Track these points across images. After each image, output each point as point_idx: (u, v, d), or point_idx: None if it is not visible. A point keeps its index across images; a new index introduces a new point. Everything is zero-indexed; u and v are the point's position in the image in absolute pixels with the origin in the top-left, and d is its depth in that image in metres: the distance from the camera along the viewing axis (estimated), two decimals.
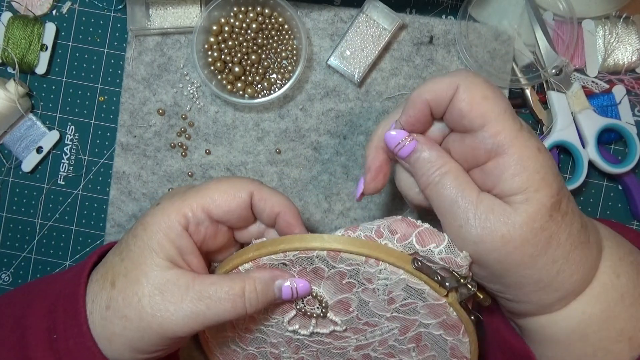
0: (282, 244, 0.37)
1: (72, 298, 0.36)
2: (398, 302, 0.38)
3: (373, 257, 0.35)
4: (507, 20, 0.51)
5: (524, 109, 0.53)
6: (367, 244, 0.36)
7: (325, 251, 0.35)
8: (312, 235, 0.36)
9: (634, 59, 0.52)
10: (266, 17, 0.49)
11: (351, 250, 0.35)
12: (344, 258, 0.36)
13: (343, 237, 0.36)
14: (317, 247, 0.36)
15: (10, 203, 0.53)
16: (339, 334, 0.40)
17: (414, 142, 0.36)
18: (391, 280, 0.36)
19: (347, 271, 0.37)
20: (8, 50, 0.50)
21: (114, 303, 0.35)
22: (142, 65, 0.50)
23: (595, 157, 0.50)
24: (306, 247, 0.36)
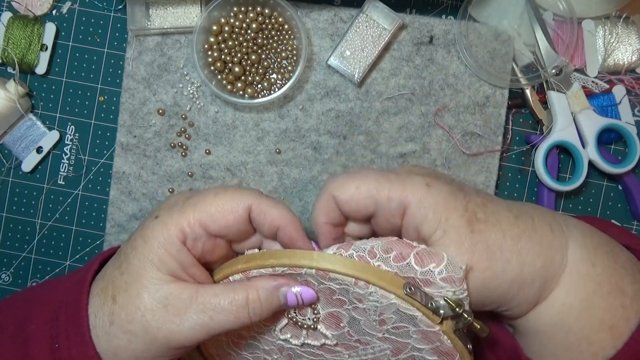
0: (271, 259, 0.36)
1: (75, 307, 0.36)
2: (389, 324, 0.37)
3: (362, 279, 0.34)
4: (507, 20, 0.51)
5: (524, 109, 0.53)
6: (358, 265, 0.35)
7: (313, 270, 0.35)
8: (302, 252, 0.36)
9: (634, 59, 0.52)
10: (266, 17, 0.49)
11: (340, 271, 0.35)
12: (332, 277, 0.35)
13: (333, 256, 0.35)
14: (306, 265, 0.35)
15: (10, 203, 0.53)
16: (331, 348, 0.40)
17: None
18: (382, 304, 0.36)
19: (337, 289, 0.36)
20: (8, 50, 0.50)
21: (117, 318, 0.35)
22: (142, 65, 0.50)
23: (595, 157, 0.50)
24: (295, 264, 0.35)
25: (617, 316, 0.34)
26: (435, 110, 0.51)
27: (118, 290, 0.36)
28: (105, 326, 0.36)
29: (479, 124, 0.51)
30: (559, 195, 0.53)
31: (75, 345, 0.35)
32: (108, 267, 0.38)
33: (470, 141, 0.51)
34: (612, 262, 0.36)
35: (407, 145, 0.51)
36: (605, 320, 0.34)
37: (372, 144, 0.51)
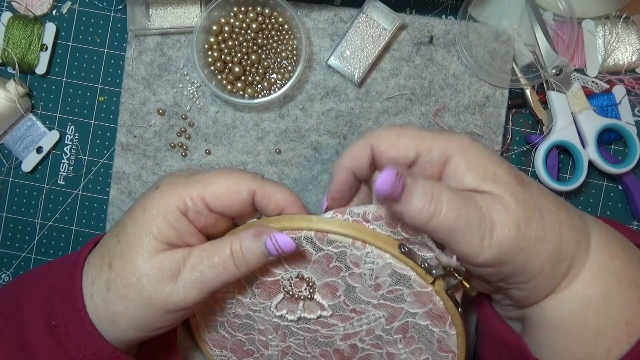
0: (272, 223, 0.37)
1: (70, 284, 0.37)
2: (384, 288, 0.38)
3: (360, 239, 0.36)
4: (507, 20, 0.51)
5: (524, 109, 0.53)
6: (354, 226, 0.36)
7: (312, 232, 0.36)
8: (301, 216, 0.37)
9: (634, 59, 0.52)
10: (266, 17, 0.49)
11: (338, 232, 0.36)
12: (331, 239, 0.36)
13: (331, 219, 0.37)
14: (305, 227, 0.36)
15: (10, 203, 0.53)
16: (326, 321, 0.40)
17: (402, 181, 0.33)
18: (377, 265, 0.37)
19: (334, 254, 0.37)
20: (8, 50, 0.50)
21: (112, 285, 0.36)
22: (142, 65, 0.50)
23: (595, 157, 0.50)
24: (294, 226, 0.36)
25: (633, 311, 0.33)
26: (435, 110, 0.51)
27: (114, 257, 0.36)
28: (102, 293, 0.36)
29: (479, 124, 0.51)
30: (559, 195, 0.53)
31: (72, 322, 0.36)
32: (105, 237, 0.39)
33: None
34: (629, 257, 0.35)
35: None
36: (622, 315, 0.34)
37: None
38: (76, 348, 0.36)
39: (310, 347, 0.42)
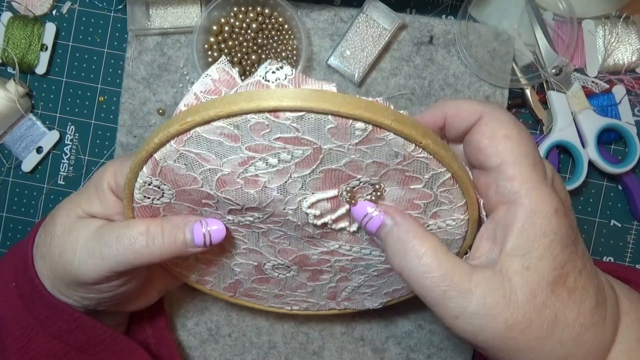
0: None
1: (24, 244, 0.38)
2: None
3: (469, 205, 0.32)
4: (507, 20, 0.51)
5: (524, 109, 0.53)
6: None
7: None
8: (423, 128, 0.30)
9: (634, 59, 0.52)
10: (266, 17, 0.49)
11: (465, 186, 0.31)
12: (450, 191, 0.31)
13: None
14: (415, 140, 0.29)
15: (10, 203, 0.53)
16: (339, 234, 0.35)
17: (379, 217, 0.32)
18: (447, 233, 0.34)
19: (430, 200, 0.32)
20: (8, 50, 0.50)
21: (39, 241, 0.37)
22: (142, 65, 0.50)
23: (595, 157, 0.50)
24: (411, 136, 0.28)
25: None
26: None
27: (48, 219, 0.37)
28: (35, 248, 0.37)
29: None
30: None
31: (27, 282, 0.37)
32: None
33: None
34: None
35: None
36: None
37: None
38: (36, 308, 0.37)
39: (282, 240, 0.37)
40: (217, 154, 0.30)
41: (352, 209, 0.32)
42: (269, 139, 0.28)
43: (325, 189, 0.32)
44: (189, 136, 0.29)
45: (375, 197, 0.32)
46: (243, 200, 0.32)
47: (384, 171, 0.31)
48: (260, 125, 0.28)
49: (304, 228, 0.35)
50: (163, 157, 0.30)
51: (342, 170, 0.31)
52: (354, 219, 0.33)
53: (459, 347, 0.51)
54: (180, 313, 0.51)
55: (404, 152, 0.29)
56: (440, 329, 0.51)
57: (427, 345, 0.51)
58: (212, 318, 0.51)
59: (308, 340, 0.51)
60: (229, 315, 0.51)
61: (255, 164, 0.30)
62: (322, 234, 0.35)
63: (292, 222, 0.34)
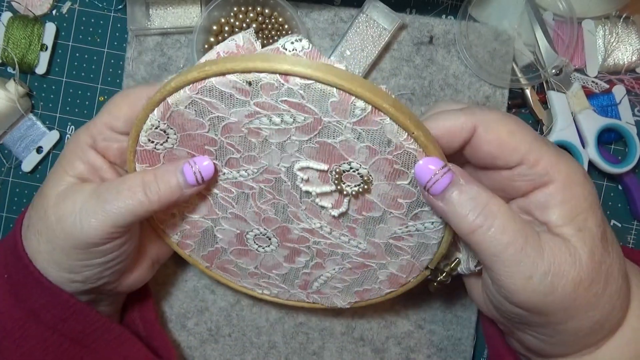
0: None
1: (12, 233, 0.39)
2: (400, 242, 0.36)
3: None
4: (507, 20, 0.51)
5: (524, 109, 0.53)
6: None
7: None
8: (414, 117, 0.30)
9: (634, 59, 0.52)
10: (266, 17, 0.49)
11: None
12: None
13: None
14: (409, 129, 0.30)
15: (10, 203, 0.53)
16: (321, 213, 0.36)
17: (450, 174, 0.30)
18: (423, 236, 0.35)
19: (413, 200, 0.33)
20: (8, 50, 0.50)
21: (30, 221, 0.37)
22: (142, 65, 0.50)
23: (595, 157, 0.50)
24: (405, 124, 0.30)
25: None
26: None
27: (36, 196, 0.38)
28: (25, 232, 0.37)
29: None
30: None
31: (19, 271, 0.37)
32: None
33: None
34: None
35: None
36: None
37: None
38: (30, 297, 0.36)
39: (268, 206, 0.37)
40: (227, 104, 0.32)
41: (416, 169, 0.30)
42: (276, 99, 0.30)
43: (318, 159, 0.33)
44: (204, 85, 0.31)
45: (362, 189, 0.33)
46: (244, 146, 0.34)
47: (374, 159, 0.32)
48: (270, 85, 0.30)
49: (292, 192, 0.36)
50: (175, 102, 0.32)
51: (336, 147, 0.32)
52: (418, 181, 0.31)
53: (459, 347, 0.51)
54: (180, 313, 0.51)
55: (396, 140, 0.30)
56: (440, 329, 0.51)
57: (427, 345, 0.51)
58: (212, 318, 0.51)
59: (308, 340, 0.51)
60: (229, 315, 0.51)
61: (260, 118, 0.32)
62: (307, 207, 0.36)
63: (282, 181, 0.35)
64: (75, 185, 0.36)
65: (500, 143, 0.31)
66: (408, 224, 0.35)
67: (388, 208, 0.34)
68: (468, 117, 0.31)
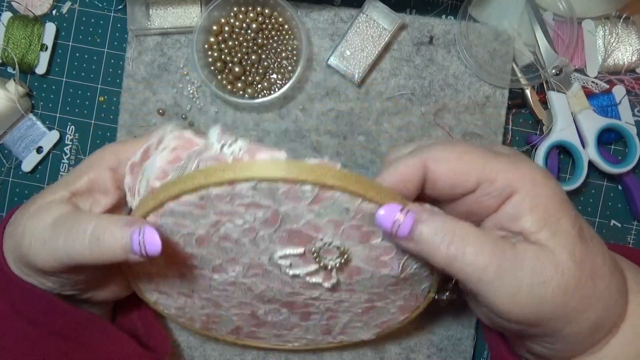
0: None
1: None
2: (398, 286, 0.36)
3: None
4: (507, 20, 0.51)
5: (524, 109, 0.53)
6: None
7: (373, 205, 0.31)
8: (387, 189, 0.31)
9: (634, 59, 0.52)
10: (266, 17, 0.49)
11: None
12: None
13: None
14: (374, 200, 0.31)
15: (10, 203, 0.53)
16: (316, 286, 0.37)
17: (411, 214, 0.30)
18: (417, 275, 0.35)
19: (393, 254, 0.34)
20: (8, 50, 0.50)
21: (14, 218, 0.36)
22: (142, 65, 0.50)
23: (595, 157, 0.50)
24: (373, 198, 0.30)
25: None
26: (435, 110, 0.51)
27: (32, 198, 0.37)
28: (8, 227, 0.36)
29: (479, 124, 0.51)
30: None
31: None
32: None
33: (470, 141, 0.51)
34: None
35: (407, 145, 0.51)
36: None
37: (372, 144, 0.51)
38: (9, 292, 0.36)
39: (267, 291, 0.38)
40: (191, 220, 0.33)
41: (377, 221, 0.31)
42: (232, 205, 0.32)
43: (292, 245, 0.34)
44: (164, 210, 0.33)
45: (343, 259, 0.34)
46: (221, 252, 0.35)
47: (341, 229, 0.32)
48: (221, 195, 0.31)
49: (282, 278, 0.37)
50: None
51: (303, 230, 0.33)
52: (381, 229, 0.32)
53: (459, 347, 0.51)
54: None
55: (352, 206, 0.31)
56: (440, 329, 0.51)
57: (427, 345, 0.51)
58: None
59: None
60: None
61: (224, 225, 0.33)
62: (302, 285, 0.37)
63: (269, 271, 0.36)
64: (53, 203, 0.34)
65: (452, 172, 0.31)
66: (400, 276, 0.35)
67: (376, 268, 0.35)
68: (416, 158, 0.32)
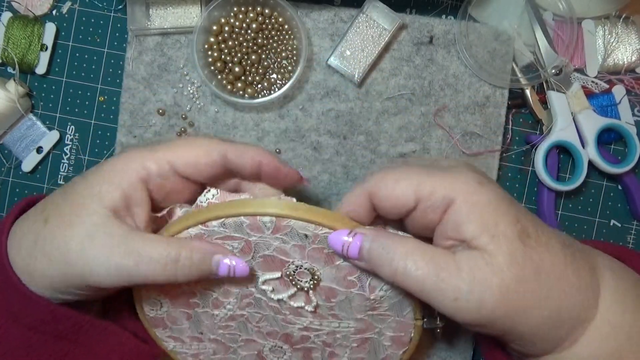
0: (319, 217, 0.34)
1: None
2: (378, 311, 0.38)
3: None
4: (507, 20, 0.51)
5: (524, 109, 0.53)
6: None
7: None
8: (344, 218, 0.35)
9: (634, 59, 0.52)
10: (266, 17, 0.49)
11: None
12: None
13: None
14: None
15: (10, 203, 0.53)
16: (302, 311, 0.39)
17: (359, 236, 0.34)
18: (389, 295, 0.37)
19: (358, 274, 0.36)
20: (8, 50, 0.50)
21: (41, 240, 0.34)
22: (142, 65, 0.50)
23: (595, 157, 0.50)
24: (333, 226, 0.34)
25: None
26: (435, 110, 0.51)
27: (53, 213, 0.35)
28: (29, 246, 0.35)
29: (479, 124, 0.51)
30: (558, 195, 0.53)
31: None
32: (55, 191, 0.37)
33: (470, 141, 0.51)
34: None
35: (407, 145, 0.51)
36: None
37: (372, 144, 0.51)
38: (8, 300, 0.35)
39: (263, 322, 0.41)
40: None
41: (330, 243, 0.35)
42: (210, 240, 0.36)
43: (270, 270, 0.38)
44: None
45: (315, 280, 0.37)
46: (215, 285, 0.39)
47: (306, 252, 0.36)
48: (199, 234, 0.36)
49: (271, 304, 0.39)
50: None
51: (275, 255, 0.37)
52: (335, 252, 0.36)
53: (459, 348, 0.51)
54: None
55: (310, 232, 0.35)
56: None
57: (427, 346, 0.51)
58: None
59: None
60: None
61: None
62: (289, 311, 0.40)
63: (259, 299, 0.39)
64: (106, 223, 0.34)
65: (391, 195, 0.34)
66: (370, 297, 0.37)
67: (346, 288, 0.37)
68: (360, 189, 0.35)
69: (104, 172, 0.35)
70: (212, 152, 0.36)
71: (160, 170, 0.35)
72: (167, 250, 0.34)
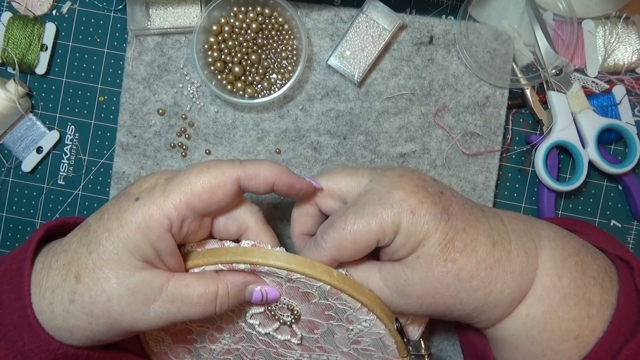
0: (290, 263, 0.36)
1: (17, 273, 0.36)
2: (361, 345, 0.40)
3: (370, 308, 0.36)
4: (507, 20, 0.51)
5: (524, 109, 0.53)
6: (371, 294, 0.37)
7: (329, 287, 0.36)
8: (322, 267, 0.36)
9: (634, 59, 0.52)
10: (266, 17, 0.49)
11: (355, 296, 0.36)
12: (342, 298, 0.36)
13: (352, 280, 0.37)
14: (325, 281, 0.36)
15: (10, 203, 0.53)
16: (290, 344, 0.41)
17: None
18: (369, 329, 0.38)
19: (336, 307, 0.37)
20: (8, 50, 0.50)
21: (79, 298, 0.34)
22: (142, 65, 0.50)
23: (595, 157, 0.50)
24: (314, 276, 0.36)
25: (582, 326, 0.35)
26: (435, 110, 0.51)
27: (84, 269, 0.34)
28: (65, 304, 0.34)
29: (479, 124, 0.51)
30: (559, 195, 0.53)
31: (16, 310, 0.35)
32: (71, 242, 0.36)
33: (470, 141, 0.51)
34: (580, 273, 0.36)
35: (407, 145, 0.51)
36: (571, 330, 0.35)
37: (372, 144, 0.51)
38: (20, 339, 0.35)
39: (258, 356, 0.43)
40: None
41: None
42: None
43: (254, 305, 0.39)
44: None
45: (295, 315, 0.39)
46: (208, 322, 0.41)
47: (283, 288, 0.37)
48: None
49: (261, 338, 0.41)
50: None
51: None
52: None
53: (459, 348, 0.51)
54: None
55: (283, 274, 0.36)
56: (440, 330, 0.51)
57: None
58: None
59: None
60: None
61: None
62: (279, 344, 0.41)
63: (250, 333, 0.41)
64: (143, 276, 0.35)
65: (355, 254, 0.37)
66: (349, 328, 0.39)
67: (326, 321, 0.39)
68: (327, 257, 0.37)
69: (127, 224, 0.34)
70: (226, 182, 0.35)
71: (180, 215, 0.35)
72: (205, 292, 0.36)
